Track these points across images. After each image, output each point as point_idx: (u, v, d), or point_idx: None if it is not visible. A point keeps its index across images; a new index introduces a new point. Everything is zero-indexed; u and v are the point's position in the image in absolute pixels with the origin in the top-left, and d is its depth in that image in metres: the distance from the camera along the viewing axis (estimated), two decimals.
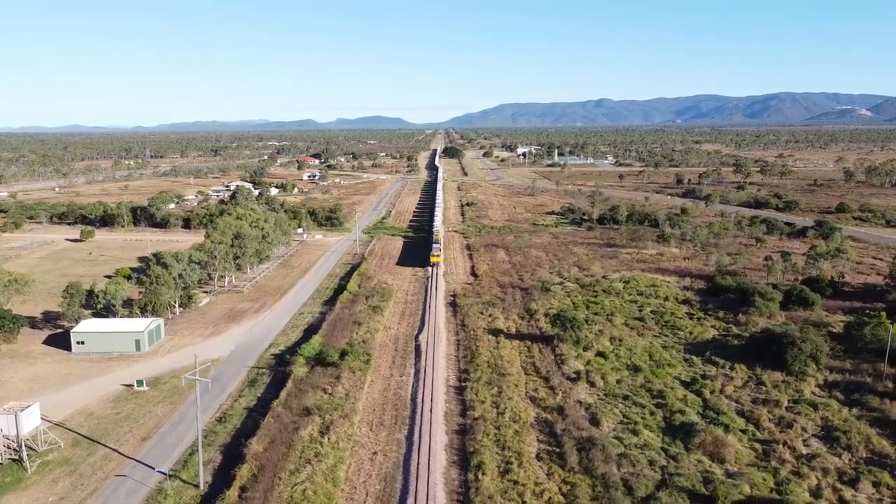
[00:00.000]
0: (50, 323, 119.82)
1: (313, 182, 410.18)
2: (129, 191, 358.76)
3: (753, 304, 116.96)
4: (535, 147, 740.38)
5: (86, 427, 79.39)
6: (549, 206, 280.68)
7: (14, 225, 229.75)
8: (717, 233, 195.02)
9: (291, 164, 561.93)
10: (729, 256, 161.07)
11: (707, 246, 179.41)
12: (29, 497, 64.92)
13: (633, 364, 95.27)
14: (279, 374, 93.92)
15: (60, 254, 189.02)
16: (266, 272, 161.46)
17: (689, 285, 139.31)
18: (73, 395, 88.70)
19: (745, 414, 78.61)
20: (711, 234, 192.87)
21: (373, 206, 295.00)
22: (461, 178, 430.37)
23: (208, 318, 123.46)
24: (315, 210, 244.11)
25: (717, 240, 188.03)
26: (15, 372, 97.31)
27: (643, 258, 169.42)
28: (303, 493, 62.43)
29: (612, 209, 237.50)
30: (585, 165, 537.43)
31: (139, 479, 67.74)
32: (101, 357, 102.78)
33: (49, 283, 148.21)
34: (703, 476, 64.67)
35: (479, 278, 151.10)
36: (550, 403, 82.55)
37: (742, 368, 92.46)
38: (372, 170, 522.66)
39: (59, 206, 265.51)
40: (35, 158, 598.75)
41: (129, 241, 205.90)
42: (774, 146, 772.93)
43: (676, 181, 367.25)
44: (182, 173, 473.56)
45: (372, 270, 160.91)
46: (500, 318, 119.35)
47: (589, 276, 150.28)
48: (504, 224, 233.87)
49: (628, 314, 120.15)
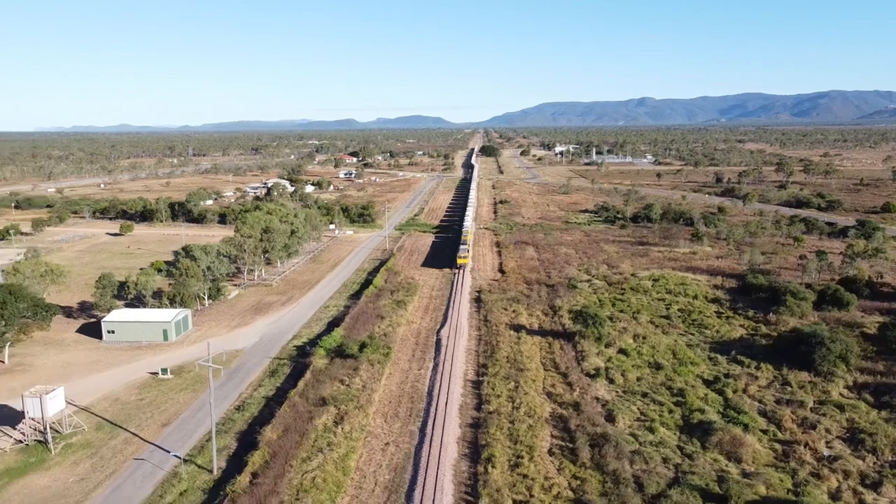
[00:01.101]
0: (84, 312, 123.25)
1: (349, 180, 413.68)
2: (171, 187, 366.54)
3: (784, 304, 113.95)
4: (572, 146, 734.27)
5: (110, 412, 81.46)
6: (583, 205, 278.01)
7: (59, 219, 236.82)
8: (753, 232, 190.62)
9: (329, 162, 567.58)
10: (763, 256, 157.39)
11: (742, 245, 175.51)
12: (51, 477, 66.90)
13: (655, 362, 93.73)
14: (299, 365, 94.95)
15: (100, 247, 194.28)
16: (296, 266, 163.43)
17: (719, 284, 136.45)
18: (101, 381, 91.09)
19: (768, 414, 76.62)
20: (747, 233, 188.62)
21: (406, 204, 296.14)
22: (497, 176, 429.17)
23: (236, 310, 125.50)
24: (348, 207, 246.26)
25: (753, 239, 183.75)
26: (48, 358, 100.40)
27: (675, 257, 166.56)
28: (312, 481, 62.99)
29: (646, 207, 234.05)
30: (623, 164, 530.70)
31: (156, 462, 69.23)
32: (129, 346, 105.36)
33: (87, 274, 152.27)
34: (718, 475, 63.24)
35: (507, 275, 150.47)
36: (567, 399, 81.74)
37: (768, 368, 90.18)
38: (408, 168, 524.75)
39: (102, 202, 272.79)
40: (83, 156, 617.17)
41: (165, 236, 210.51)
42: (821, 145, 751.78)
43: (715, 180, 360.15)
44: (222, 171, 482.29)
45: (399, 266, 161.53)
46: (524, 314, 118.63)
47: (618, 273, 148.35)
48: (536, 222, 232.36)
49: (655, 312, 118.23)
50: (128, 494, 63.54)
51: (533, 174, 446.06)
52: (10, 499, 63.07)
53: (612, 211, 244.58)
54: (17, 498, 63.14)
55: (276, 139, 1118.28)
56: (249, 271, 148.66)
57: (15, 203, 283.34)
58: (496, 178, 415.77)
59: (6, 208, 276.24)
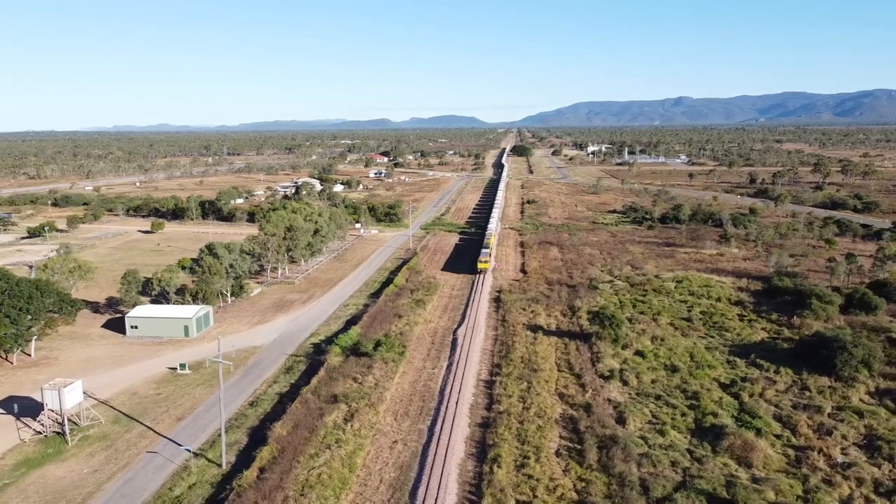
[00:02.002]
0: (111, 308, 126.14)
1: (379, 179, 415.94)
2: (204, 186, 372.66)
3: (809, 307, 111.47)
4: (605, 146, 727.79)
5: (127, 406, 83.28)
6: (612, 205, 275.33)
7: (93, 217, 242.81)
8: (783, 233, 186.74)
9: (360, 161, 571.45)
10: (792, 258, 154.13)
11: (772, 247, 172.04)
12: (66, 468, 68.67)
13: (671, 364, 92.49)
14: (315, 363, 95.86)
15: (131, 244, 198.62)
16: (320, 265, 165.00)
17: (744, 286, 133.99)
18: (121, 375, 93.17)
19: (783, 419, 75.04)
20: (777, 235, 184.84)
21: (433, 203, 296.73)
22: (526, 176, 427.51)
23: (257, 308, 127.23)
24: (375, 206, 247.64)
25: (783, 241, 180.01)
26: (73, 352, 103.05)
27: (701, 258, 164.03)
28: (318, 477, 63.58)
29: (675, 208, 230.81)
30: (656, 164, 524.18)
31: (168, 456, 70.58)
32: (151, 341, 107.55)
33: (116, 270, 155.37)
34: (727, 480, 62.15)
35: (528, 275, 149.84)
36: (578, 401, 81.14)
37: (787, 372, 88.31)
38: (438, 167, 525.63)
39: (136, 200, 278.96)
40: (121, 155, 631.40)
41: (195, 234, 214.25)
42: (863, 145, 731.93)
43: (749, 180, 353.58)
44: (254, 170, 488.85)
45: (422, 265, 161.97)
46: (543, 314, 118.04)
47: (641, 274, 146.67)
48: (563, 222, 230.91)
49: (675, 314, 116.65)
50: (139, 486, 64.90)
51: (563, 174, 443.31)
52: (26, 488, 64.91)
53: (640, 211, 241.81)
54: (32, 488, 64.95)
55: (310, 139, 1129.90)
56: (273, 269, 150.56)
57: (53, 201, 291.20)
58: (526, 177, 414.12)
59: (44, 206, 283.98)
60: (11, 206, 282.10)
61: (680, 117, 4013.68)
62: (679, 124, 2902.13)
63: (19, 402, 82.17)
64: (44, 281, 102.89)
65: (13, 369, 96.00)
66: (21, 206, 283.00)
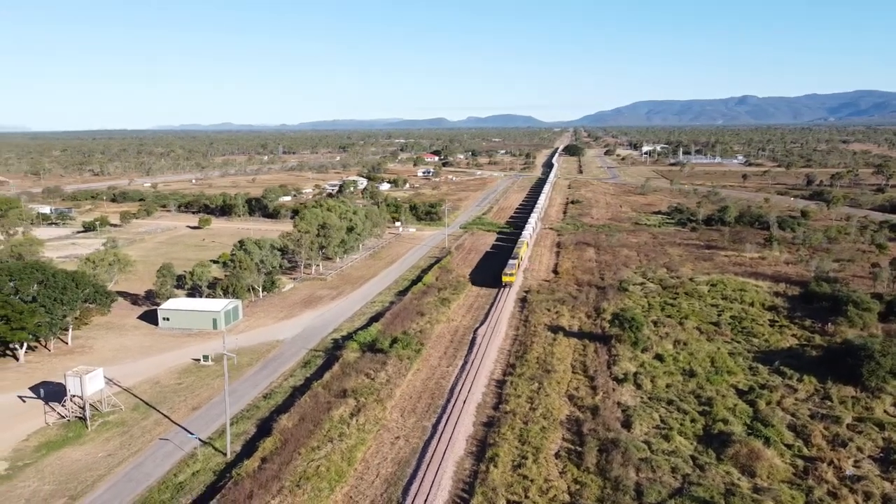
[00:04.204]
0: (149, 300, 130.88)
1: (426, 178, 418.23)
2: (256, 184, 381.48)
3: (845, 314, 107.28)
4: (660, 145, 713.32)
5: (148, 394, 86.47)
6: (658, 206, 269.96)
7: (146, 212, 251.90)
8: (832, 237, 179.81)
9: (410, 160, 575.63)
10: (838, 263, 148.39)
11: (818, 251, 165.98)
12: (84, 451, 71.89)
13: (689, 369, 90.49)
14: (332, 358, 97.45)
15: (178, 239, 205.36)
16: (354, 262, 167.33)
17: (781, 291, 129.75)
18: (148, 364, 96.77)
19: (797, 428, 72.63)
20: (826, 239, 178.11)
21: (476, 202, 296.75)
22: (575, 175, 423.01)
23: (287, 303, 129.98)
24: (416, 205, 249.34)
25: (832, 245, 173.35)
26: (106, 342, 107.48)
27: (741, 261, 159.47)
28: (316, 469, 64.76)
29: (721, 210, 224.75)
30: (711, 165, 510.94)
31: (179, 443, 73.08)
32: (181, 333, 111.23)
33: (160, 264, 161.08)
34: (727, 488, 60.67)
35: (559, 275, 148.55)
36: (587, 403, 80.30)
37: (811, 381, 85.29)
38: (487, 167, 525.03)
39: (188, 196, 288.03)
40: (181, 153, 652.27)
41: (239, 230, 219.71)
42: None
43: (806, 182, 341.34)
44: (306, 168, 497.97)
45: (454, 264, 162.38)
46: (566, 315, 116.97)
47: (675, 277, 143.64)
48: (605, 222, 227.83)
49: (704, 318, 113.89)
50: (147, 471, 67.46)
51: (613, 174, 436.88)
52: (43, 469, 68.26)
53: (685, 213, 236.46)
54: (49, 469, 68.25)
55: (364, 138, 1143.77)
56: (306, 265, 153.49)
57: (112, 196, 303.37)
58: (574, 177, 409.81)
59: (103, 201, 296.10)
60: (73, 201, 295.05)
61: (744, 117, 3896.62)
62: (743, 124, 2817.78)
63: (51, 388, 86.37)
64: (80, 273, 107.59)
65: (50, 356, 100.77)
66: (82, 201, 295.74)
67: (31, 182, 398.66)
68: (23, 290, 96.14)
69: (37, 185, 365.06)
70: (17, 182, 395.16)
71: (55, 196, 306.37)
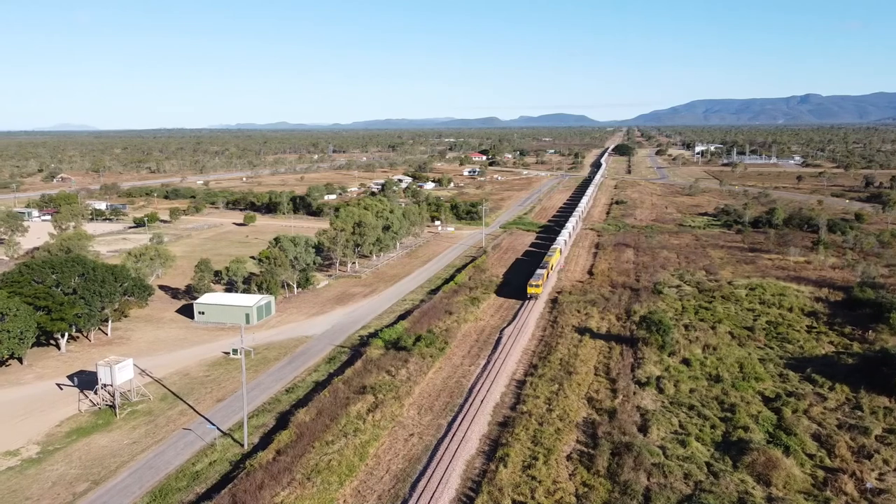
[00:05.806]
0: (188, 294, 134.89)
1: (472, 177, 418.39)
2: (304, 182, 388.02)
3: (887, 321, 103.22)
4: (715, 145, 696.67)
5: (177, 385, 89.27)
6: (705, 207, 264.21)
7: (195, 209, 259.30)
8: (885, 241, 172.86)
9: (457, 159, 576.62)
10: (888, 268, 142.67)
11: (868, 255, 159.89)
12: (110, 438, 74.76)
13: (716, 374, 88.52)
14: (356, 354, 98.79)
15: (223, 236, 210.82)
16: (389, 260, 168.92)
17: (824, 296, 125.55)
18: (180, 356, 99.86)
19: (822, 438, 70.33)
20: (878, 243, 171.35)
21: (519, 202, 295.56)
22: (623, 175, 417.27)
23: (320, 299, 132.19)
24: (457, 204, 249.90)
25: (884, 249, 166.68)
26: (144, 333, 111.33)
27: (784, 265, 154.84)
28: (327, 463, 65.86)
29: (769, 212, 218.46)
30: (766, 165, 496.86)
31: (200, 433, 75.28)
32: (215, 326, 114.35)
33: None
34: (740, 497, 59.27)
35: (594, 277, 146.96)
36: (606, 406, 79.38)
37: (843, 389, 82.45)
38: (535, 166, 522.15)
39: (237, 194, 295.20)
40: (235, 152, 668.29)
41: (283, 227, 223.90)
42: None
43: (864, 184, 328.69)
44: (355, 167, 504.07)
45: (489, 263, 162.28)
46: (596, 317, 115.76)
47: (713, 280, 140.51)
48: (648, 223, 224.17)
49: (738, 323, 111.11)
50: (167, 459, 69.76)
51: (662, 174, 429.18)
52: (71, 454, 71.27)
53: (731, 215, 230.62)
54: (77, 454, 71.22)
55: (415, 137, 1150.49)
56: (342, 263, 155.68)
57: (165, 193, 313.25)
58: (622, 177, 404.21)
59: (156, 198, 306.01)
60: (128, 197, 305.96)
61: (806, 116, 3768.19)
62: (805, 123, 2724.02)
63: (86, 377, 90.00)
64: (120, 266, 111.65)
65: (90, 346, 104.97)
66: (136, 198, 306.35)
67: (92, 179, 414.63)
68: (64, 283, 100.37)
69: (96, 182, 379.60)
70: (79, 179, 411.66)
71: (112, 193, 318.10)
